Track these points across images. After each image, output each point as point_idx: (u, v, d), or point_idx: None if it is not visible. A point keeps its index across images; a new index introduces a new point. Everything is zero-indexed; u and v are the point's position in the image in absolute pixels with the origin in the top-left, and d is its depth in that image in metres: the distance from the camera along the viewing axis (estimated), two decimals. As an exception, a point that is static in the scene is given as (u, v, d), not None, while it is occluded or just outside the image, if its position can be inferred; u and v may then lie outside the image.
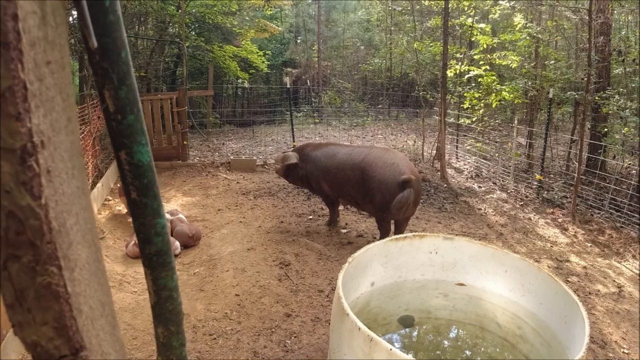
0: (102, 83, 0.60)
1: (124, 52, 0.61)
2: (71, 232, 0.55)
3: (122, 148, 0.65)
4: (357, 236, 5.99)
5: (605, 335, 4.19)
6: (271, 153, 10.89)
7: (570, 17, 10.79)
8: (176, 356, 0.82)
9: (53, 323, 0.52)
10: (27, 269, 0.50)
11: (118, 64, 0.60)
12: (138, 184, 0.68)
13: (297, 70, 20.91)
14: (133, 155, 0.66)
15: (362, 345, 2.00)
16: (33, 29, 0.49)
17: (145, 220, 0.71)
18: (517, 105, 11.14)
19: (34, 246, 0.50)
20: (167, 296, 0.77)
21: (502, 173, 9.15)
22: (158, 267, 0.75)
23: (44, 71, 0.51)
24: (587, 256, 5.90)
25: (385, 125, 16.06)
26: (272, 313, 4.16)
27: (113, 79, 0.60)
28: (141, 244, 0.73)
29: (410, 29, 12.06)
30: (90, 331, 0.57)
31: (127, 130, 0.64)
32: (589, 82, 7.31)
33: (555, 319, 2.94)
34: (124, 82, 0.62)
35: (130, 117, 0.64)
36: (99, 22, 0.58)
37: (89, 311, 0.58)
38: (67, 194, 0.55)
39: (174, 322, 0.80)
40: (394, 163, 5.07)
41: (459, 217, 7.02)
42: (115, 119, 0.63)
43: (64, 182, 0.54)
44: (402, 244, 3.24)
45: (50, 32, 0.52)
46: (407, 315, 3.23)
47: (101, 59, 0.59)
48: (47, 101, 0.51)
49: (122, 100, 0.62)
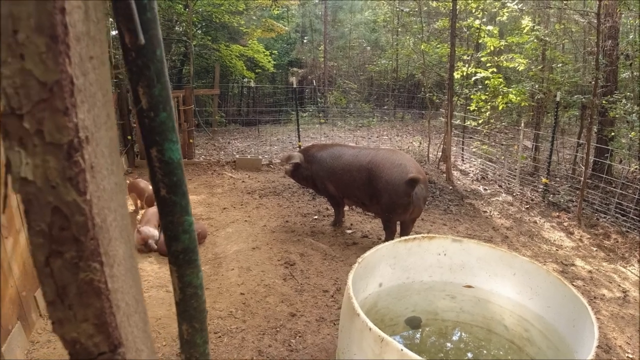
0: (137, 80, 0.60)
1: (159, 50, 0.61)
2: (111, 229, 0.56)
3: (154, 145, 0.66)
4: (362, 237, 5.99)
5: (609, 339, 4.18)
6: (276, 153, 10.90)
7: (579, 20, 10.76)
8: (199, 354, 0.82)
9: (94, 320, 0.52)
10: (70, 265, 0.50)
11: (153, 62, 0.61)
12: (168, 181, 0.69)
13: (303, 70, 20.90)
14: (164, 152, 0.66)
15: (372, 345, 2.00)
16: (78, 23, 0.49)
17: (173, 217, 0.72)
18: (523, 108, 11.12)
19: (77, 242, 0.50)
20: (192, 293, 0.78)
21: (508, 176, 9.13)
22: (184, 265, 0.76)
23: (87, 66, 0.51)
24: (592, 260, 5.89)
25: (391, 126, 16.04)
26: (277, 312, 4.16)
27: (148, 77, 0.61)
28: (168, 241, 0.74)
29: (417, 30, 12.05)
30: (127, 328, 0.58)
31: (159, 128, 0.65)
32: (596, 85, 7.29)
33: (563, 322, 2.94)
34: (159, 79, 0.62)
35: (162, 115, 0.64)
36: (136, 21, 0.58)
37: (125, 308, 0.58)
38: (107, 190, 0.55)
39: (198, 320, 0.80)
40: (402, 164, 5.07)
41: (465, 219, 7.01)
42: (148, 116, 0.64)
43: (104, 178, 0.54)
44: (411, 245, 3.24)
45: (92, 27, 0.53)
46: (414, 316, 3.23)
47: (137, 56, 0.59)
48: (90, 97, 0.52)
49: (155, 98, 0.63)
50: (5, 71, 0.45)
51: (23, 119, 0.47)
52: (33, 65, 0.46)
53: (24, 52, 0.45)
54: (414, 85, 19.91)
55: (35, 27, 0.45)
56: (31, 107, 0.46)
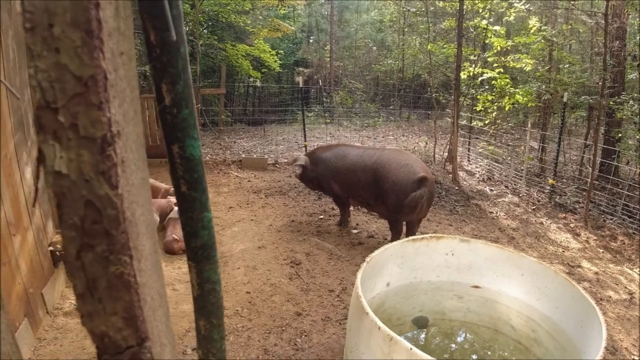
0: (160, 77, 0.61)
1: (182, 47, 0.62)
2: (139, 223, 0.56)
3: (175, 142, 0.66)
4: (368, 237, 5.99)
5: (615, 341, 4.17)
6: (282, 152, 10.90)
7: (586, 20, 10.72)
8: (216, 349, 0.83)
9: (122, 313, 0.53)
10: (100, 258, 0.51)
11: (177, 59, 0.61)
12: (188, 177, 0.69)
13: (309, 70, 20.90)
14: (185, 148, 0.67)
15: (381, 344, 2.00)
16: (110, 19, 0.50)
17: (193, 214, 0.72)
18: (530, 109, 11.09)
19: (109, 235, 0.50)
20: (210, 289, 0.78)
21: (515, 177, 9.11)
22: (203, 260, 0.76)
23: (118, 62, 0.52)
24: (599, 262, 5.87)
25: (397, 126, 16.02)
26: (283, 311, 4.16)
27: (172, 74, 0.61)
28: (187, 237, 0.74)
29: (424, 30, 12.02)
30: (152, 322, 0.58)
31: (181, 124, 0.65)
32: (603, 86, 7.26)
33: (571, 323, 2.93)
34: (182, 76, 0.63)
35: (185, 112, 0.65)
36: (161, 17, 0.58)
37: (151, 302, 0.59)
38: (135, 185, 0.56)
39: (215, 315, 0.81)
40: (408, 164, 5.07)
41: (471, 220, 7.00)
42: (171, 113, 0.64)
43: (133, 173, 0.55)
44: (419, 245, 3.24)
45: (122, 23, 0.53)
46: (421, 316, 3.23)
47: (161, 53, 0.60)
48: (120, 92, 0.52)
49: (178, 95, 0.63)
50: (40, 65, 0.46)
51: (58, 113, 0.47)
52: (68, 59, 0.46)
53: (59, 46, 0.46)
54: (420, 86, 19.88)
55: (71, 21, 0.45)
56: (66, 101, 0.47)
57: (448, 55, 11.72)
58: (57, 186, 0.49)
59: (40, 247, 3.78)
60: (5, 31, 3.58)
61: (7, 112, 3.60)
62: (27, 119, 4.09)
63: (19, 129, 3.83)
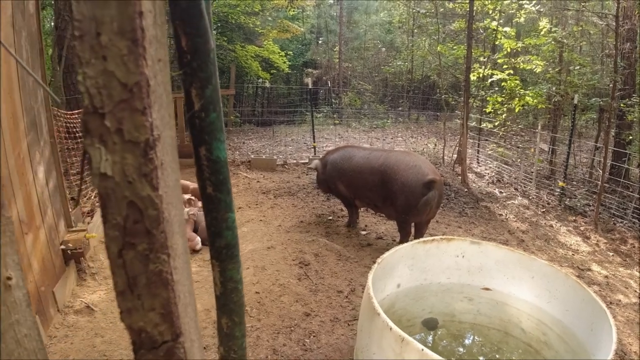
0: (190, 82, 0.63)
1: (212, 53, 0.64)
2: (173, 223, 0.58)
3: (203, 144, 0.68)
4: (377, 238, 5.99)
5: (625, 345, 4.14)
6: (291, 153, 10.93)
7: (597, 22, 10.67)
8: (237, 346, 0.85)
9: (160, 309, 0.55)
10: (141, 256, 0.53)
11: (207, 64, 0.63)
12: (214, 179, 0.71)
13: (318, 71, 20.91)
14: (212, 151, 0.69)
15: (392, 345, 2.01)
16: (150, 27, 0.52)
17: (218, 214, 0.74)
18: (540, 111, 11.04)
19: (149, 235, 0.53)
20: (233, 288, 0.80)
21: (524, 179, 9.07)
22: (226, 260, 0.78)
23: (156, 68, 0.54)
24: (608, 265, 5.84)
25: (405, 127, 16.01)
26: (292, 312, 4.17)
27: (201, 78, 0.63)
28: (211, 238, 0.76)
29: (433, 31, 12.01)
30: (184, 318, 0.60)
31: (209, 127, 0.67)
32: (614, 88, 7.22)
33: (582, 326, 2.93)
34: (210, 81, 0.65)
35: (212, 115, 0.67)
36: (193, 24, 0.61)
37: (184, 298, 0.61)
38: (170, 187, 0.58)
39: (237, 313, 0.83)
40: (416, 165, 5.07)
41: (480, 222, 6.98)
42: (199, 117, 0.66)
43: (169, 175, 0.57)
44: (430, 246, 3.25)
45: (159, 31, 0.55)
46: (431, 317, 3.23)
47: (192, 58, 0.62)
48: (159, 97, 0.54)
49: (207, 99, 0.65)
50: (88, 71, 0.48)
51: (105, 118, 0.49)
52: (115, 66, 0.48)
53: (107, 54, 0.48)
54: (429, 87, 19.85)
55: (118, 30, 0.48)
56: (112, 107, 0.49)
57: (457, 57, 11.71)
58: (102, 187, 0.51)
59: (52, 246, 3.82)
60: (19, 32, 3.63)
61: (21, 113, 3.65)
62: (40, 120, 4.13)
63: (32, 129, 3.88)
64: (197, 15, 0.60)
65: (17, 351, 0.68)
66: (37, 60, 4.12)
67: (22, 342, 0.69)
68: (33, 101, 3.96)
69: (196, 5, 0.59)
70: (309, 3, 19.86)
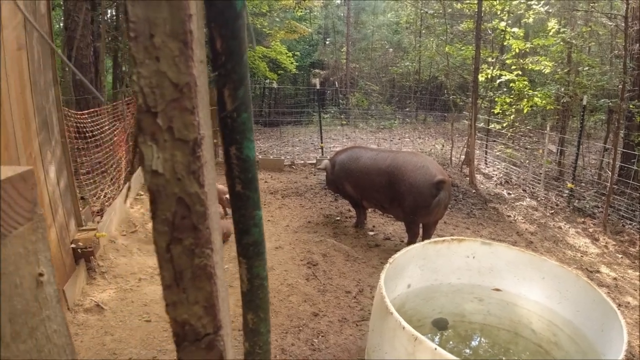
0: (224, 83, 0.65)
1: (245, 55, 0.65)
2: (214, 219, 0.60)
3: (233, 144, 0.70)
4: (385, 239, 6.00)
5: (633, 347, 4.13)
6: (298, 154, 10.95)
7: (606, 23, 10.63)
8: (263, 342, 0.86)
9: (204, 302, 0.57)
10: (187, 251, 0.55)
11: (240, 66, 0.65)
12: (244, 177, 0.73)
13: (325, 72, 20.93)
14: (242, 150, 0.71)
15: (405, 344, 2.02)
16: (195, 29, 0.54)
17: (245, 211, 0.76)
18: (548, 112, 11.00)
19: (196, 230, 0.55)
20: (259, 284, 0.82)
21: (533, 180, 9.05)
22: (253, 257, 0.80)
23: (199, 70, 0.56)
24: (617, 267, 5.81)
25: (413, 128, 16.00)
26: (300, 312, 4.18)
27: (235, 80, 0.65)
28: (239, 235, 0.78)
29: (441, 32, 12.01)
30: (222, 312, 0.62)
31: (240, 127, 0.69)
32: (623, 89, 7.20)
33: (592, 327, 2.93)
34: (243, 82, 0.66)
35: (244, 115, 0.68)
36: (229, 26, 0.62)
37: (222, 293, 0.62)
38: (210, 184, 0.60)
39: (263, 310, 0.84)
40: (424, 166, 5.07)
41: (488, 223, 6.97)
42: (231, 117, 0.68)
43: (209, 173, 0.59)
44: (440, 247, 3.25)
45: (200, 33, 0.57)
46: (441, 318, 3.24)
47: (227, 60, 0.63)
48: (202, 98, 0.56)
49: (239, 100, 0.67)
50: (142, 71, 0.50)
51: (157, 117, 0.51)
52: (167, 67, 0.50)
53: (160, 55, 0.50)
54: (436, 88, 19.83)
55: (170, 32, 0.49)
56: (165, 106, 0.51)
57: (466, 58, 11.69)
58: (154, 184, 0.53)
59: (63, 245, 3.86)
60: (30, 32, 3.67)
61: (32, 112, 3.68)
62: (52, 119, 4.17)
63: (44, 128, 3.92)
64: (233, 17, 0.62)
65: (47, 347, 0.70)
66: (49, 61, 4.16)
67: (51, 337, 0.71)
68: (44, 101, 4.00)
69: (232, 7, 0.61)
70: (317, 4, 19.88)
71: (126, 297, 4.20)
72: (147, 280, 4.63)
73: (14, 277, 0.61)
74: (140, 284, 4.49)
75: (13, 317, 0.60)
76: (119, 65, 12.39)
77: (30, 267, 0.65)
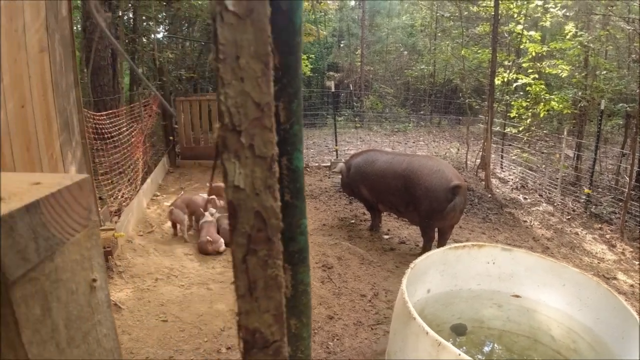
0: (279, 96, 0.67)
1: (300, 70, 0.68)
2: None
3: (284, 154, 0.73)
4: (400, 243, 5.99)
5: (655, 355, 4.10)
6: (313, 156, 10.98)
7: (624, 27, 10.53)
8: (304, 346, 0.88)
9: (274, 311, 0.59)
10: (261, 262, 0.57)
11: (295, 81, 0.68)
12: (292, 187, 0.75)
13: (340, 74, 20.95)
14: (292, 161, 0.73)
15: (429, 349, 2.04)
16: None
17: (292, 220, 0.78)
18: (565, 116, 10.92)
19: (269, 242, 0.57)
20: (303, 290, 0.84)
21: (549, 185, 8.98)
22: (299, 264, 0.82)
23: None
24: (634, 274, 5.76)
25: (427, 131, 15.96)
26: (315, 314, 4.19)
27: (289, 93, 0.68)
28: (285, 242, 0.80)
29: (457, 35, 11.98)
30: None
31: (292, 139, 0.72)
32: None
33: (612, 335, 2.91)
34: (296, 96, 0.69)
35: (296, 127, 0.71)
36: (287, 42, 0.65)
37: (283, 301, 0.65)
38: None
39: (305, 315, 0.86)
40: (440, 170, 5.07)
41: (504, 228, 6.94)
42: (285, 129, 0.70)
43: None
44: (460, 252, 3.26)
45: None
46: (460, 323, 3.24)
47: (283, 75, 0.66)
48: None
49: (292, 112, 0.69)
50: (229, 92, 0.52)
51: (241, 135, 0.54)
52: (251, 87, 0.53)
53: (244, 76, 0.52)
54: (451, 91, 19.75)
55: (254, 54, 0.52)
56: (248, 125, 0.53)
57: (482, 61, 11.65)
58: (235, 199, 0.56)
59: (81, 245, 3.90)
60: (52, 34, 3.73)
61: (54, 114, 3.75)
62: (73, 121, 4.24)
63: (65, 129, 3.98)
64: (292, 34, 0.64)
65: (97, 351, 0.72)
66: (70, 63, 4.22)
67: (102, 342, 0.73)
68: (66, 102, 4.06)
69: (292, 25, 0.63)
70: (332, 6, 19.91)
71: (143, 297, 4.25)
72: (164, 281, 4.68)
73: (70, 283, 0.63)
74: (157, 284, 4.53)
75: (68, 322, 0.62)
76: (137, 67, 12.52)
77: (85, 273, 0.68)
